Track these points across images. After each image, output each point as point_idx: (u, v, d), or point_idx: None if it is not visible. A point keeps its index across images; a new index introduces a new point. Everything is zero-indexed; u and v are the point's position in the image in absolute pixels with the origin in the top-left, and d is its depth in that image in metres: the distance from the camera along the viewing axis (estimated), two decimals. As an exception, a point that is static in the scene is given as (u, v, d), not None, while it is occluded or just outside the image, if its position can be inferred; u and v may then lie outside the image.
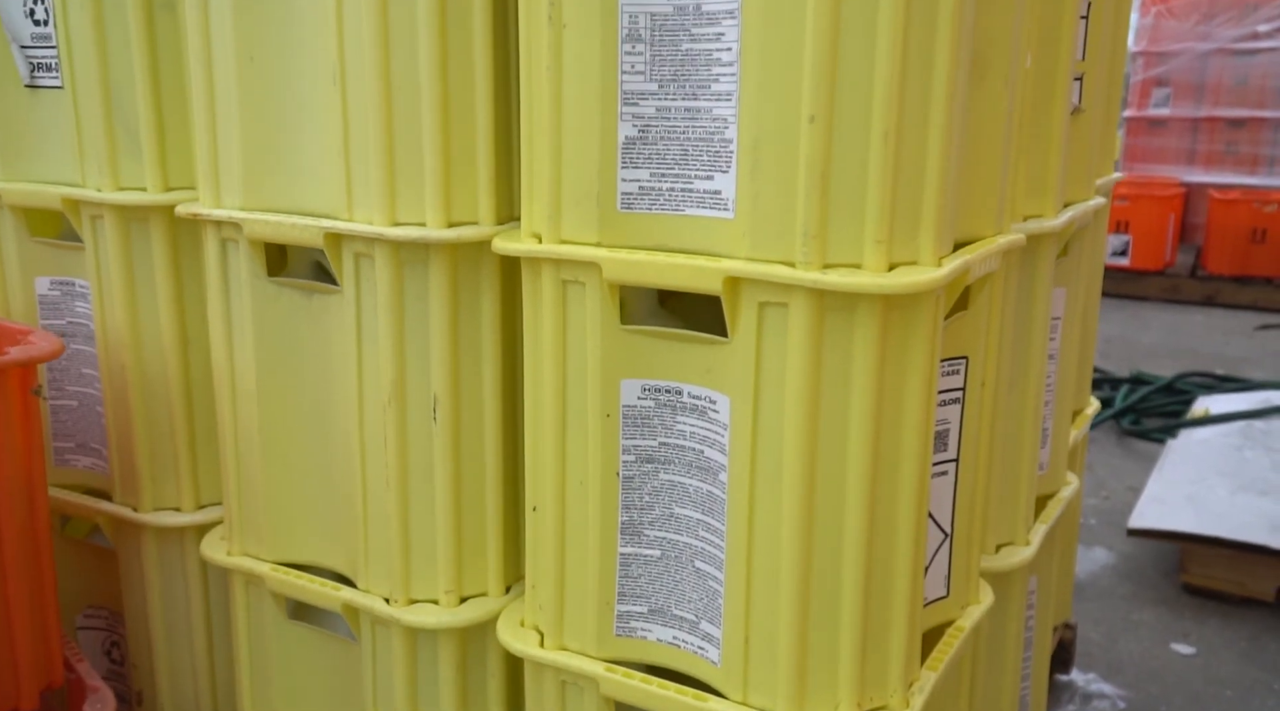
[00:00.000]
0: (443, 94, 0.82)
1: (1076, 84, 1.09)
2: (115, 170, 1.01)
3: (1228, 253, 4.50)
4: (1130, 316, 4.31)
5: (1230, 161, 5.32)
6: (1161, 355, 3.72)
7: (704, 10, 0.71)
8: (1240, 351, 3.80)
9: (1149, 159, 5.49)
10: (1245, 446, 2.34)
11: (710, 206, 0.74)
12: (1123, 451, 2.75)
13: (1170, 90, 5.43)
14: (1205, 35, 5.26)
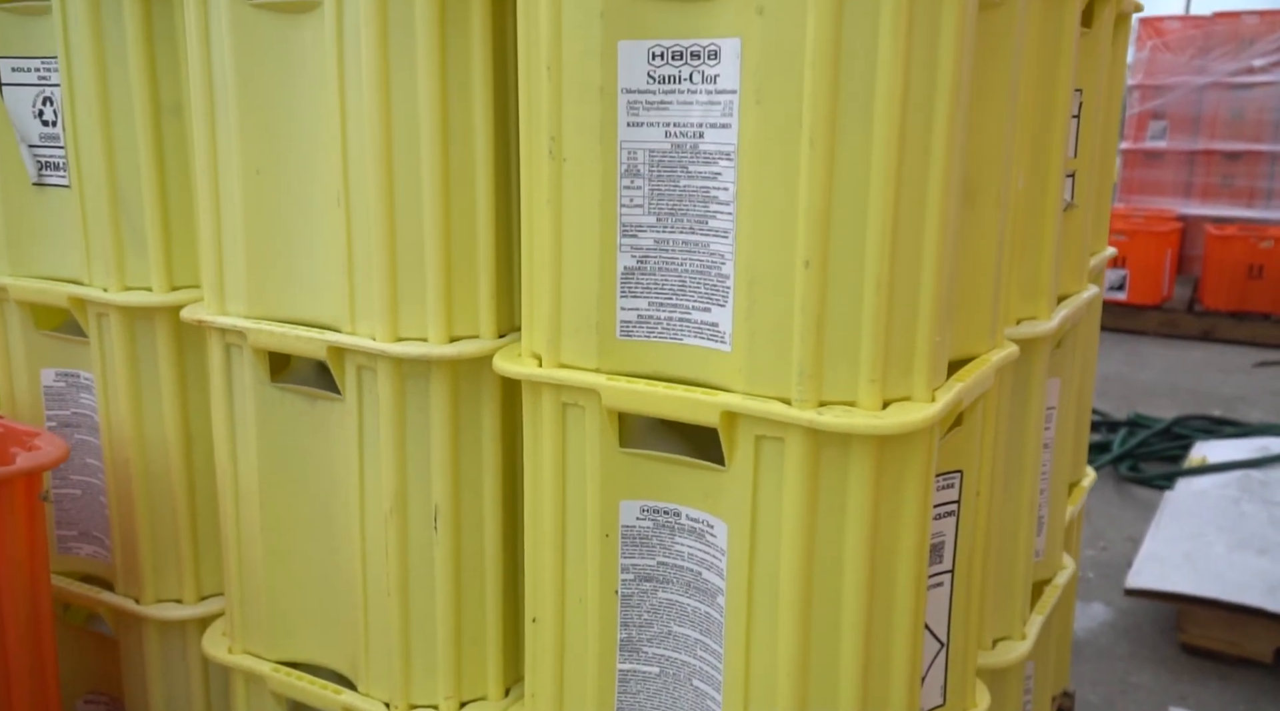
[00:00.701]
0: (445, 216, 0.83)
1: (1069, 180, 1.10)
2: (121, 270, 1.03)
3: (1225, 288, 4.52)
4: (1128, 353, 4.32)
5: (1226, 194, 5.35)
6: (1159, 393, 3.73)
7: (701, 150, 0.73)
8: (1238, 389, 3.81)
9: (1146, 191, 5.52)
10: (1243, 498, 2.35)
11: (708, 338, 0.75)
12: (1120, 498, 2.76)
13: (1167, 123, 5.47)
14: (1201, 69, 5.30)
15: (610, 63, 0.73)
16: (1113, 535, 2.53)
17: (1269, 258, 4.45)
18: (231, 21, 0.87)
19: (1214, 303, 4.56)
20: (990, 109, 0.80)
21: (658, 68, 0.73)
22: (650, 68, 0.73)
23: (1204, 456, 2.69)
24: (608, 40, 0.73)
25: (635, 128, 0.74)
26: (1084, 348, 1.25)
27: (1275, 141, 5.17)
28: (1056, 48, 0.97)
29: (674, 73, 0.72)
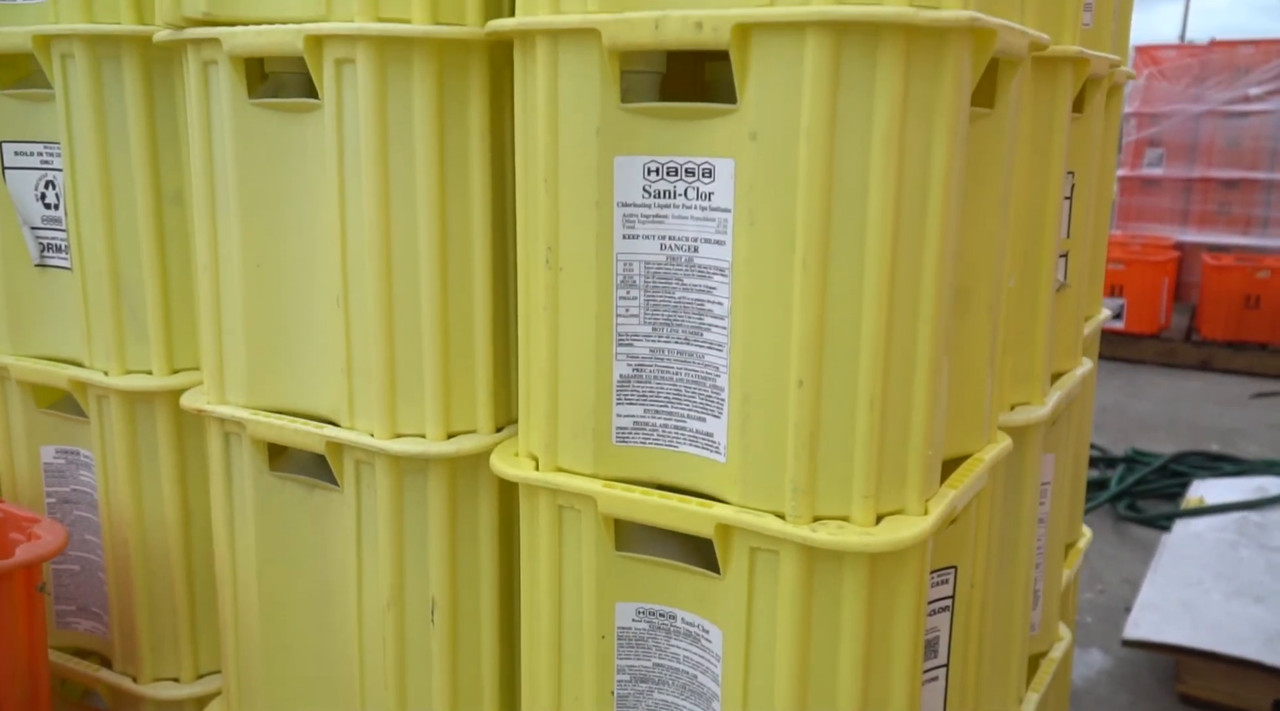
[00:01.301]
0: (443, 315, 0.84)
1: (1061, 260, 1.11)
2: (122, 353, 1.03)
3: (1222, 318, 4.53)
4: (1126, 382, 4.33)
5: (1223, 221, 5.38)
6: (1157, 426, 3.74)
7: (696, 264, 0.73)
8: (1235, 422, 3.81)
9: (1143, 218, 5.55)
10: (1240, 543, 2.35)
11: (703, 447, 0.76)
12: (1118, 538, 2.76)
13: (1163, 150, 5.49)
14: (1197, 97, 5.33)
15: (606, 177, 0.74)
16: (1110, 577, 2.53)
17: (1265, 288, 4.46)
18: (233, 118, 0.88)
19: (1211, 332, 4.57)
20: (982, 213, 0.81)
21: (653, 182, 0.74)
22: (646, 182, 0.74)
23: (1201, 497, 2.69)
24: (604, 156, 0.74)
25: (631, 240, 0.75)
26: (1079, 419, 1.26)
27: (1271, 169, 5.20)
28: (1049, 135, 0.98)
29: (669, 188, 0.73)
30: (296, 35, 0.82)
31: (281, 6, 0.84)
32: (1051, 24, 0.93)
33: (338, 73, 0.82)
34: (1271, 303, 4.47)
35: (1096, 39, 1.09)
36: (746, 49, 0.67)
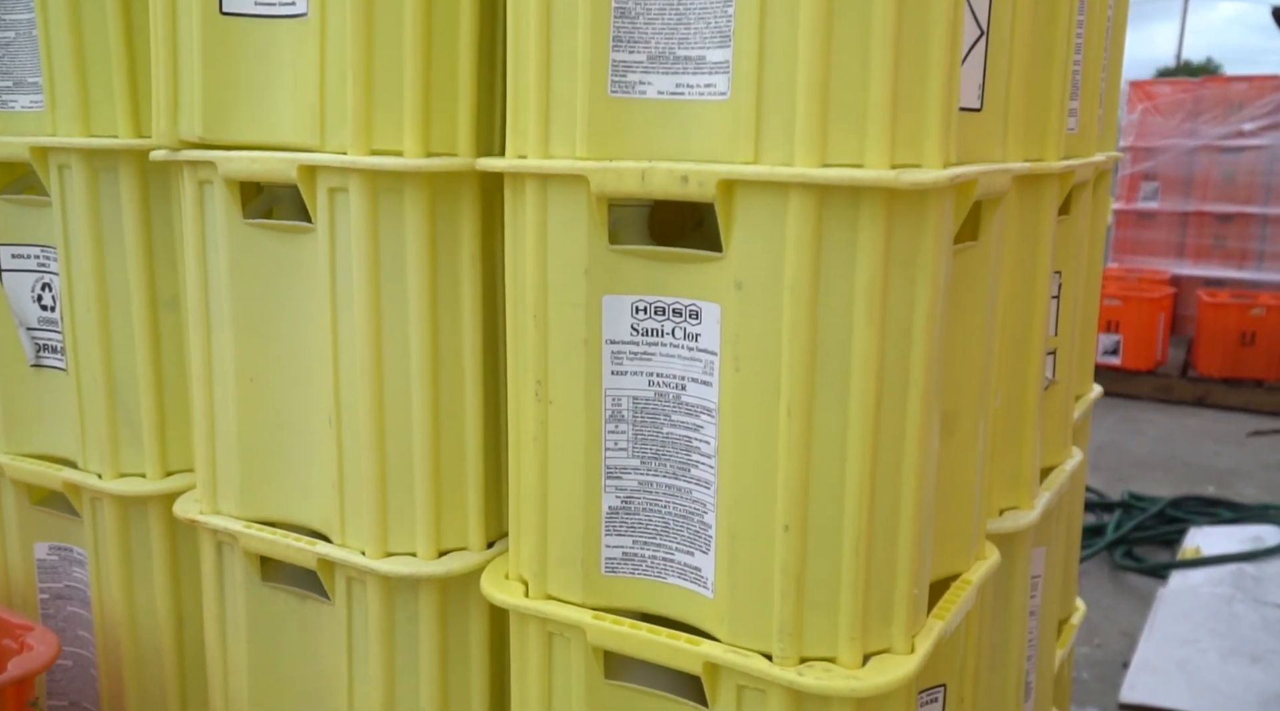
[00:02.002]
0: (435, 437, 0.85)
1: (1049, 358, 1.12)
2: (116, 456, 1.04)
3: (1218, 355, 4.54)
4: (1122, 419, 4.33)
5: (1219, 255, 5.40)
6: (1153, 466, 3.74)
7: (683, 401, 0.74)
8: (1232, 462, 3.81)
9: (1139, 251, 5.57)
10: (1236, 597, 2.35)
11: (691, 581, 0.76)
12: (1115, 587, 2.76)
13: (1158, 184, 5.52)
14: (1192, 132, 5.37)
15: (595, 315, 0.75)
16: (1108, 630, 2.52)
17: (1261, 325, 4.48)
18: (228, 236, 0.89)
19: (1207, 369, 4.58)
20: (967, 338, 0.82)
21: (641, 321, 0.74)
22: (634, 320, 0.75)
23: (1198, 547, 2.70)
24: (592, 294, 0.75)
25: (619, 376, 0.76)
26: (1070, 509, 1.26)
27: (1266, 204, 5.22)
28: (1035, 242, 0.99)
29: (656, 326, 0.74)
30: (290, 165, 0.83)
31: (276, 132, 0.85)
32: (1035, 141, 0.95)
33: (331, 200, 0.83)
34: (1267, 339, 4.48)
35: (1082, 139, 1.10)
36: (731, 203, 0.68)
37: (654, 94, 0.71)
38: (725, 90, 0.68)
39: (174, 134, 0.88)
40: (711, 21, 0.68)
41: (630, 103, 0.72)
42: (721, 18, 0.68)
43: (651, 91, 0.71)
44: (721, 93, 0.68)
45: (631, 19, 0.71)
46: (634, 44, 0.71)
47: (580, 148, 0.73)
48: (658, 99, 0.71)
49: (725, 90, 0.68)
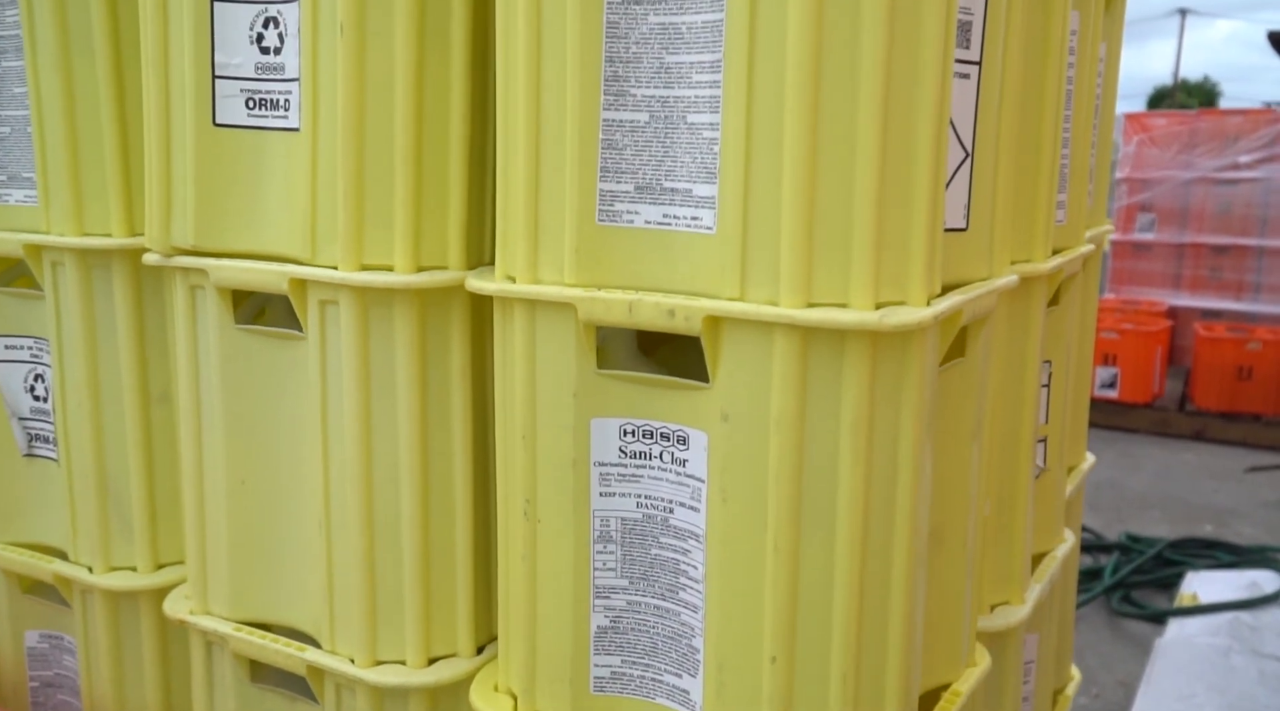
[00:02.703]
0: (424, 548, 0.85)
1: (1040, 445, 1.12)
2: (106, 550, 1.04)
3: (1215, 389, 4.54)
4: (1120, 454, 4.33)
5: (1215, 286, 5.41)
6: (1151, 504, 3.74)
7: (671, 524, 0.74)
8: (1230, 500, 3.81)
9: (1135, 281, 5.58)
10: (1233, 649, 2.34)
11: (680, 702, 0.76)
12: (1112, 634, 2.75)
13: (1154, 216, 5.54)
14: (1187, 164, 5.39)
15: (583, 437, 0.75)
16: (1105, 679, 2.51)
17: (1257, 359, 4.48)
18: (219, 341, 0.89)
19: (1205, 402, 4.58)
20: (954, 452, 0.82)
21: (629, 443, 0.75)
22: (622, 443, 0.75)
23: (1195, 593, 2.69)
24: (580, 417, 0.75)
25: (608, 497, 0.76)
26: (1063, 590, 1.26)
27: (1262, 236, 5.24)
28: (1024, 337, 1.00)
29: (645, 449, 0.74)
30: (281, 277, 0.83)
31: (267, 241, 0.86)
32: (1023, 242, 0.95)
33: (322, 312, 0.83)
34: (1263, 374, 4.48)
35: (1071, 229, 1.11)
36: (718, 338, 0.68)
37: (641, 223, 0.72)
38: (711, 225, 0.69)
39: (166, 241, 0.89)
40: (698, 156, 0.69)
41: (618, 231, 0.72)
42: (708, 154, 0.68)
43: (639, 221, 0.72)
44: (708, 227, 0.69)
45: (619, 150, 0.71)
46: (621, 174, 0.72)
47: (569, 274, 0.73)
48: (645, 228, 0.72)
49: (711, 225, 0.69)
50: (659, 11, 0.69)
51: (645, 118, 0.71)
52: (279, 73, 0.84)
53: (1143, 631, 2.74)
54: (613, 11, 0.70)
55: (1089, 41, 1.07)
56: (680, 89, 0.69)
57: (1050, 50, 0.93)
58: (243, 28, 0.85)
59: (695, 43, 0.68)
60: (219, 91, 0.86)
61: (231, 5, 0.84)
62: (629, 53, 0.70)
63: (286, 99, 0.84)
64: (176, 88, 0.86)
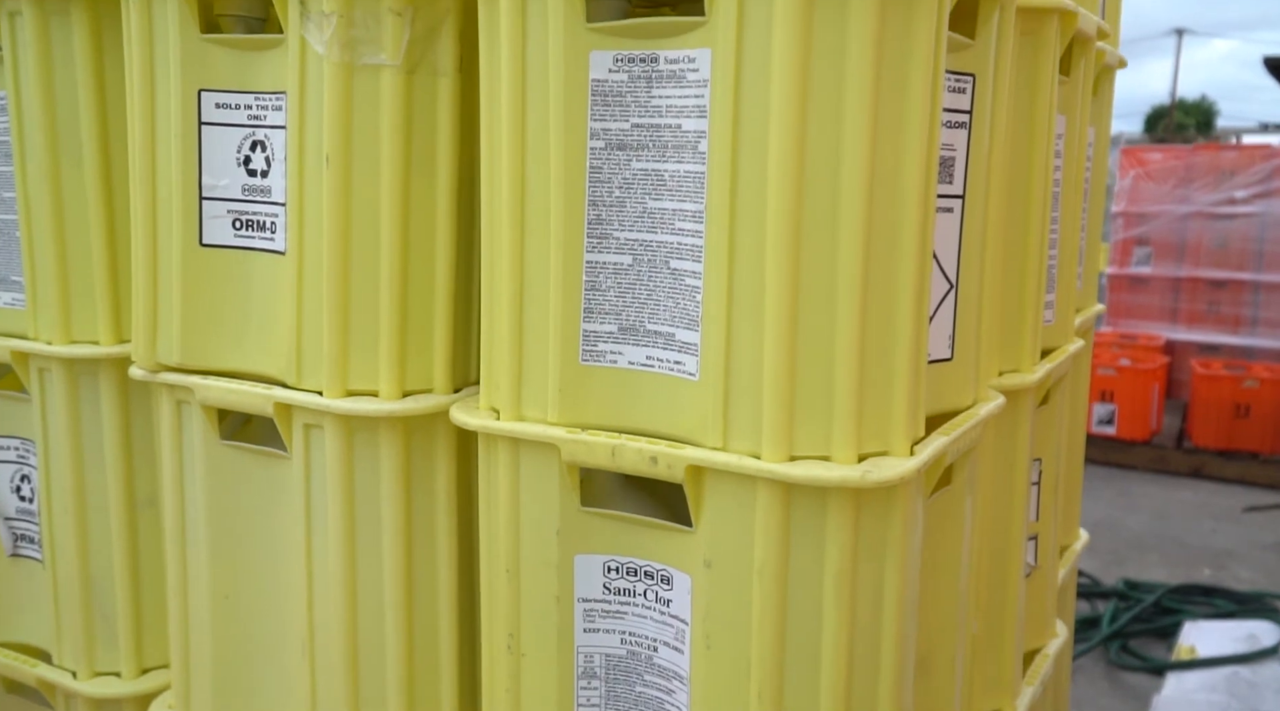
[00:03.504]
0: (408, 678, 0.84)
1: (1031, 543, 1.12)
2: (90, 655, 1.03)
3: (1212, 426, 4.54)
4: (1118, 493, 4.32)
5: (1212, 320, 5.41)
6: (1149, 546, 3.72)
7: (656, 664, 0.74)
8: (1228, 541, 3.80)
9: (1133, 315, 5.58)
10: (1231, 706, 2.33)
11: None
12: (1111, 686, 2.74)
13: (1151, 250, 5.55)
14: (1184, 198, 5.40)
15: (567, 574, 0.75)
16: (1102, 735, 2.50)
17: (1255, 397, 4.48)
18: (204, 456, 0.89)
19: (1203, 440, 4.57)
20: (943, 579, 0.81)
21: (613, 580, 0.74)
22: (606, 579, 0.74)
23: (1193, 645, 2.68)
24: (564, 553, 0.74)
25: (591, 633, 0.75)
26: (1055, 692, 1.25)
27: (1258, 271, 5.25)
28: (1012, 444, 0.99)
29: (629, 587, 0.74)
30: (266, 401, 0.83)
31: (253, 362, 0.86)
32: (1010, 354, 0.95)
33: (306, 435, 0.83)
34: (1261, 412, 4.48)
35: (1060, 327, 1.11)
36: (700, 486, 0.68)
37: (625, 364, 0.72)
38: (694, 371, 0.69)
39: (152, 357, 0.89)
40: (681, 302, 0.69)
41: (602, 371, 0.72)
42: (690, 302, 0.68)
43: (623, 361, 0.72)
44: (691, 373, 0.69)
45: (602, 291, 0.71)
46: (604, 315, 0.72)
47: (552, 412, 0.73)
48: (629, 369, 0.72)
49: (694, 371, 0.69)
50: (642, 158, 0.69)
51: (629, 260, 0.71)
52: (266, 195, 0.84)
53: (1141, 683, 2.72)
54: (595, 157, 0.70)
55: (1076, 141, 1.08)
56: (663, 234, 0.69)
57: (1035, 172, 0.93)
58: (230, 150, 0.85)
59: (678, 191, 0.68)
60: (206, 212, 0.86)
61: (219, 128, 0.85)
62: (612, 197, 0.70)
63: (273, 222, 0.84)
64: (164, 207, 0.86)
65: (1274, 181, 5.21)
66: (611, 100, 0.69)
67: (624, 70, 0.69)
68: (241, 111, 0.84)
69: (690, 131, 0.67)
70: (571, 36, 0.69)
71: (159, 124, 0.86)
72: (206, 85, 0.84)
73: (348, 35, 0.77)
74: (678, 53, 0.67)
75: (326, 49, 0.77)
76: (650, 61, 0.68)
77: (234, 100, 0.84)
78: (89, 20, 0.93)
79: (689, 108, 0.67)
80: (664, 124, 0.68)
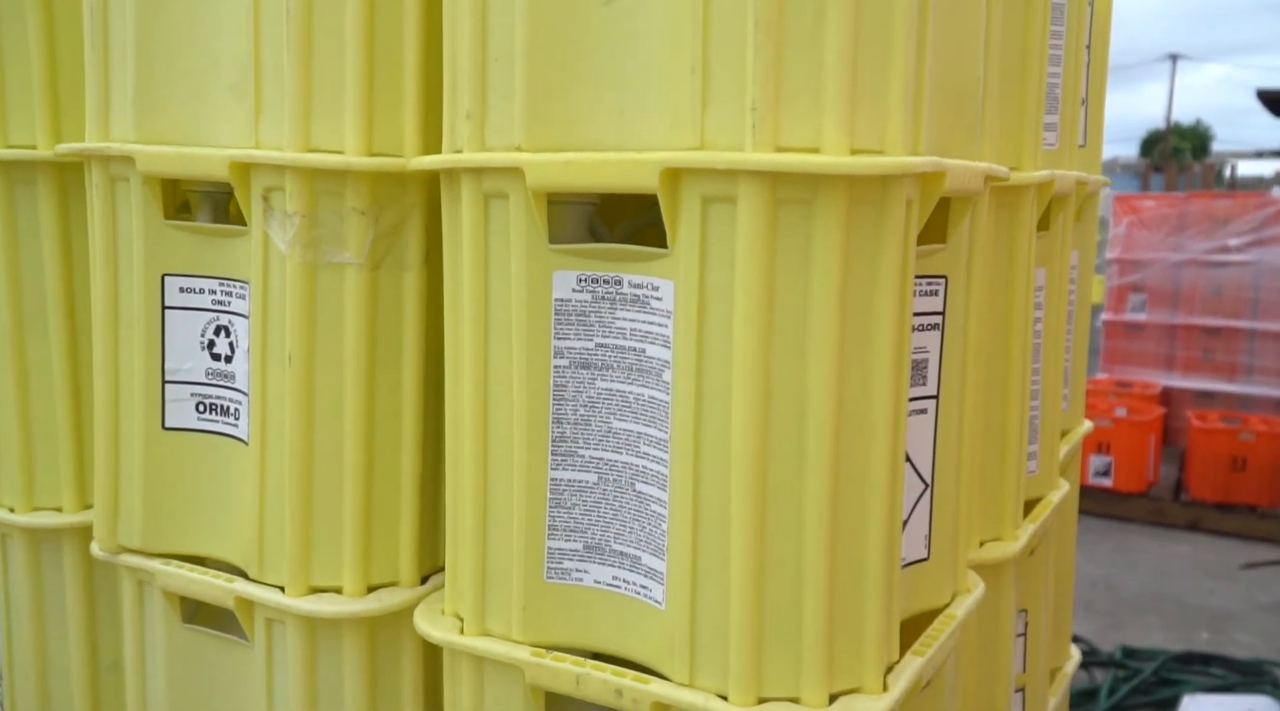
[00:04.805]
0: None
1: (1018, 696, 1.10)
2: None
3: (1209, 480, 4.51)
4: (1115, 549, 4.29)
5: (1208, 368, 5.40)
6: (1147, 607, 3.69)
7: None
8: (1226, 601, 3.76)
9: (1129, 361, 5.57)
10: (1230, 793, 2.30)
11: None
12: (1108, 765, 2.70)
13: (1146, 296, 5.55)
14: (1177, 246, 5.41)
15: (532, 792, 0.73)
16: (1100, 820, 2.46)
17: (1251, 450, 4.46)
18: (166, 636, 0.87)
19: (1200, 493, 4.55)
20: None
21: (579, 800, 0.72)
22: (572, 799, 0.72)
23: (1191, 724, 2.64)
24: (529, 772, 0.72)
25: None
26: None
27: (1253, 319, 5.24)
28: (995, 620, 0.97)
29: (596, 807, 0.72)
30: (228, 594, 0.81)
31: (215, 548, 0.84)
32: (991, 521, 0.93)
33: (268, 629, 0.81)
34: (1258, 465, 4.46)
35: (1045, 477, 1.09)
36: (666, 723, 0.66)
37: (591, 583, 0.70)
38: (660, 600, 0.67)
39: (113, 540, 0.87)
40: (647, 527, 0.67)
41: (568, 589, 0.70)
42: (656, 530, 0.66)
43: (589, 580, 0.70)
44: (657, 601, 0.67)
45: (568, 509, 0.70)
46: (570, 533, 0.70)
47: (516, 629, 0.71)
48: (595, 588, 0.70)
49: (660, 600, 0.67)
50: (606, 378, 0.68)
51: (594, 478, 0.69)
52: (230, 380, 0.83)
53: (1139, 761, 2.69)
54: (560, 375, 0.69)
55: (1057, 288, 1.06)
56: (628, 455, 0.68)
57: (1014, 338, 0.92)
58: (194, 334, 0.83)
59: (643, 415, 0.67)
60: (168, 395, 0.84)
61: (183, 312, 0.83)
62: (577, 414, 0.69)
63: (237, 409, 0.82)
64: (126, 390, 0.85)
65: (1268, 230, 5.22)
66: (575, 320, 0.68)
67: (588, 290, 0.67)
68: (206, 296, 0.83)
69: (655, 359, 0.65)
70: (534, 257, 0.67)
71: (122, 307, 0.84)
72: (170, 270, 0.83)
73: (311, 235, 0.75)
74: (642, 278, 0.65)
75: (289, 248, 0.75)
76: (614, 283, 0.66)
77: (198, 285, 0.83)
78: (55, 190, 0.92)
79: (654, 334, 0.65)
80: (628, 347, 0.67)
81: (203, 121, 0.80)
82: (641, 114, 0.63)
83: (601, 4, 0.64)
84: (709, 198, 0.61)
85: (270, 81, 0.75)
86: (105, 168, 0.82)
